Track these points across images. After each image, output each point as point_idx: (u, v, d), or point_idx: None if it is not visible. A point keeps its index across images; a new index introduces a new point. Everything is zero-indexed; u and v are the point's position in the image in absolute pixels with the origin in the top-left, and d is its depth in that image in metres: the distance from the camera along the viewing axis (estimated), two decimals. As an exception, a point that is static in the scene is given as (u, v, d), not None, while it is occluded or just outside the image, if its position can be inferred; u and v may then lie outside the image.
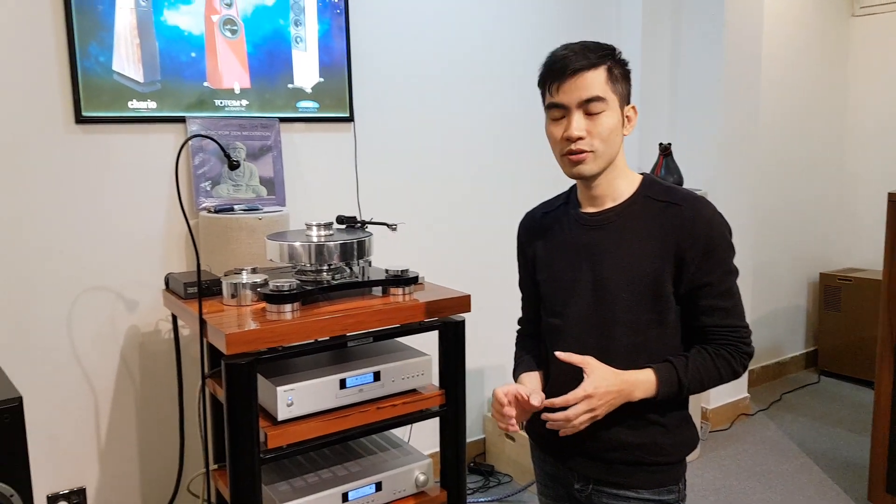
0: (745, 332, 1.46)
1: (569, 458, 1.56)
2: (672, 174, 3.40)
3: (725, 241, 1.45)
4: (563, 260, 1.55)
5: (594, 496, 1.54)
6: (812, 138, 4.71)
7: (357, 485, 2.08)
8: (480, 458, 3.46)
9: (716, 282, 1.43)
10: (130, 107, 2.41)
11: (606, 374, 1.40)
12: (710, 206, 1.46)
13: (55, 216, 2.34)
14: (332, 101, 2.81)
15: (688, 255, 1.42)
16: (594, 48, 1.44)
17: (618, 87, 1.45)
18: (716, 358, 1.45)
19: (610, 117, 1.43)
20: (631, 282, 1.45)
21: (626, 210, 1.49)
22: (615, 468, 1.50)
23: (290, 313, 1.89)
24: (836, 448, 3.64)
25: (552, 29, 3.43)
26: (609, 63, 1.44)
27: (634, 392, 1.41)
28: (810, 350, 4.93)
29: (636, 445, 1.48)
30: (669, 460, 1.50)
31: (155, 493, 2.62)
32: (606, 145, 1.44)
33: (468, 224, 3.28)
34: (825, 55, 4.69)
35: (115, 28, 2.35)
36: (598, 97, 1.42)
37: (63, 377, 2.41)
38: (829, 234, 4.94)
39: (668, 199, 1.47)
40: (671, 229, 1.43)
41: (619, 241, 1.48)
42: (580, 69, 1.41)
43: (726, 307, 1.44)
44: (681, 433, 1.52)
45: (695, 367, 1.43)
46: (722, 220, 1.46)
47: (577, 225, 1.55)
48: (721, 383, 1.47)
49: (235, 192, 2.59)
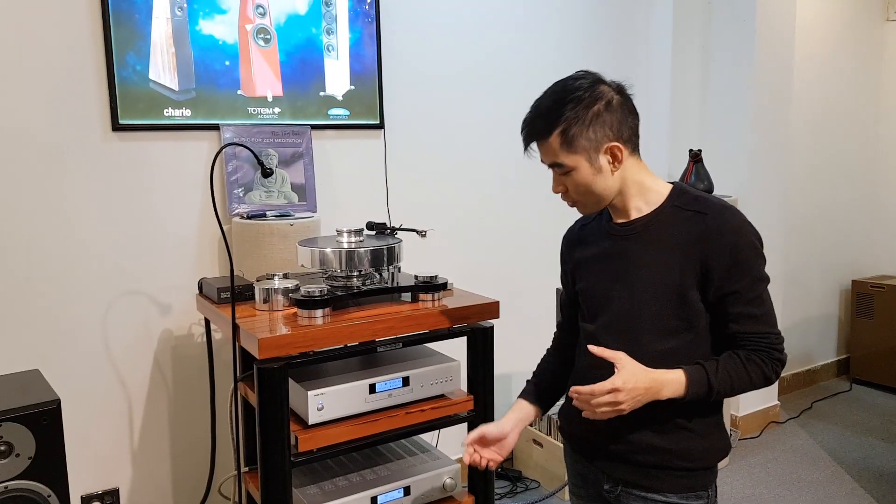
0: (776, 338, 1.46)
1: (599, 459, 1.58)
2: (702, 181, 3.39)
3: (753, 248, 1.44)
4: (597, 269, 1.58)
5: (623, 497, 1.55)
6: (844, 144, 4.66)
7: (385, 489, 2.10)
8: (508, 463, 3.46)
9: (744, 289, 1.43)
10: (166, 114, 2.45)
11: (636, 370, 1.41)
12: (737, 214, 1.46)
13: (92, 222, 2.40)
14: (362, 108, 2.84)
15: (713, 264, 1.42)
16: (544, 112, 1.46)
17: (579, 144, 1.44)
18: (747, 362, 1.44)
19: (578, 174, 1.47)
20: (656, 289, 1.47)
21: (653, 219, 1.51)
22: (644, 471, 1.51)
23: (320, 318, 1.92)
24: (868, 457, 3.59)
25: (582, 35, 3.43)
26: (563, 125, 1.43)
27: (662, 391, 1.42)
28: (842, 358, 4.86)
29: (666, 450, 1.49)
30: (699, 466, 1.50)
31: (186, 495, 2.67)
32: (585, 196, 1.50)
33: (498, 230, 3.30)
34: (858, 60, 4.63)
35: (152, 37, 2.40)
36: (557, 164, 1.47)
37: (98, 380, 2.46)
38: (862, 240, 4.88)
39: (695, 209, 1.48)
40: (696, 238, 1.44)
41: (646, 250, 1.49)
42: (532, 139, 1.48)
43: (756, 314, 1.44)
44: (712, 439, 1.52)
45: (725, 371, 1.43)
46: (750, 229, 1.46)
47: (609, 235, 1.57)
48: (752, 389, 1.46)
49: (268, 198, 2.62)
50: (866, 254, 4.91)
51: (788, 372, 4.51)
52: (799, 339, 4.60)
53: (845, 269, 4.80)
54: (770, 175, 3.77)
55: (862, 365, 4.68)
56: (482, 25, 3.14)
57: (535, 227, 3.37)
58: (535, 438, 3.29)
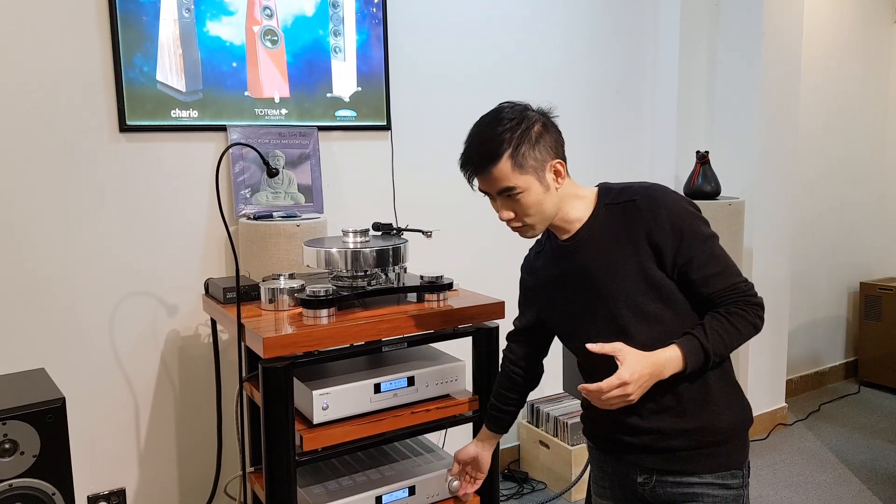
0: (745, 285, 1.49)
1: (628, 453, 1.59)
2: (709, 182, 3.38)
3: (689, 214, 1.49)
4: (561, 290, 1.62)
5: (658, 487, 1.56)
6: (852, 146, 4.64)
7: (391, 489, 2.10)
8: (515, 464, 3.46)
9: (697, 254, 1.46)
10: (173, 116, 2.47)
11: (638, 358, 1.43)
12: (662, 188, 1.51)
13: (99, 222, 2.41)
14: (369, 109, 2.85)
15: (660, 242, 1.46)
16: (489, 137, 1.49)
17: (528, 163, 1.48)
18: (729, 316, 1.47)
19: (529, 195, 1.49)
20: (623, 285, 1.50)
21: (592, 225, 1.55)
22: (675, 455, 1.53)
23: (326, 318, 1.92)
24: (876, 459, 3.57)
25: (589, 37, 3.43)
26: (510, 149, 1.47)
27: (664, 371, 1.45)
28: (850, 360, 4.84)
29: (693, 430, 1.51)
30: (726, 438, 1.52)
31: (193, 495, 2.68)
32: (536, 216, 1.52)
33: (503, 231, 3.29)
34: (866, 62, 4.62)
35: (159, 39, 2.42)
36: (509, 187, 1.48)
37: (105, 380, 2.48)
38: (870, 242, 4.86)
39: (623, 199, 1.52)
40: (636, 224, 1.49)
41: (599, 254, 1.53)
42: (482, 168, 1.49)
43: (718, 272, 1.48)
44: (733, 409, 1.54)
45: (713, 331, 1.46)
46: (678, 197, 1.51)
47: (559, 255, 1.61)
48: (744, 340, 1.49)
49: (274, 199, 2.63)
50: (874, 256, 4.89)
51: (796, 374, 4.49)
52: (807, 342, 4.58)
53: (853, 270, 4.79)
54: (777, 177, 3.76)
55: (870, 367, 4.66)
56: (489, 27, 3.14)
57: (541, 229, 3.37)
58: (542, 440, 3.29)
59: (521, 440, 3.46)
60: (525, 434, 3.42)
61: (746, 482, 1.56)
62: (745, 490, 1.56)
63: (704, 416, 1.51)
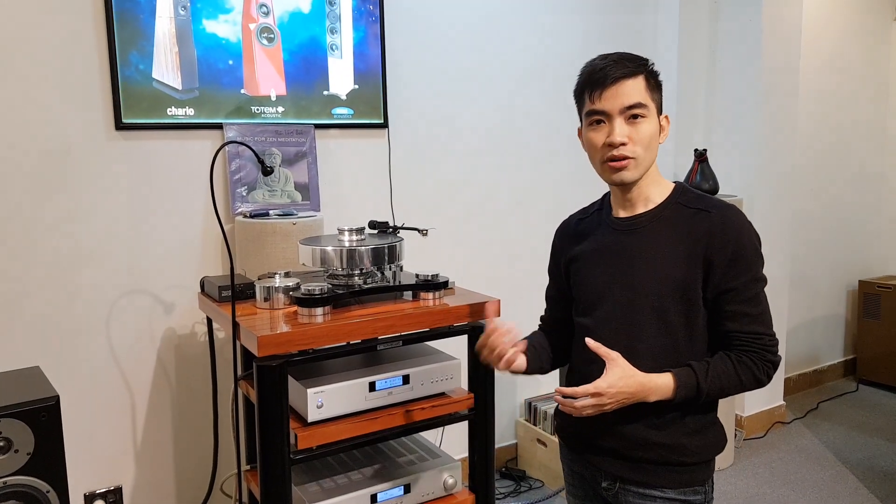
0: (769, 339, 1.46)
1: (596, 456, 1.58)
2: (707, 180, 3.38)
3: (753, 248, 1.46)
4: (596, 263, 1.58)
5: (621, 494, 1.55)
6: (851, 144, 4.63)
7: (386, 486, 2.10)
8: (512, 462, 3.46)
9: (741, 287, 1.44)
10: (169, 114, 2.47)
11: (625, 374, 1.41)
12: (740, 214, 1.48)
13: (95, 220, 2.41)
14: (366, 107, 2.84)
15: (715, 261, 1.44)
16: (630, 58, 1.47)
17: (655, 96, 1.49)
18: (738, 364, 1.45)
19: (650, 124, 1.47)
20: (660, 285, 1.47)
21: (657, 215, 1.52)
22: (641, 467, 1.52)
23: (321, 317, 1.92)
24: (873, 457, 3.57)
25: (588, 34, 3.43)
26: (646, 72, 1.48)
27: (650, 396, 1.43)
28: (849, 358, 4.84)
29: (662, 445, 1.50)
30: (695, 460, 1.51)
31: (189, 493, 2.68)
32: (647, 151, 1.48)
33: (500, 229, 3.30)
34: (865, 60, 4.61)
35: (155, 37, 2.41)
36: (640, 103, 1.45)
37: (101, 378, 2.48)
38: (869, 241, 4.86)
39: (698, 207, 1.49)
40: (700, 235, 1.45)
41: (650, 246, 1.50)
42: (621, 77, 1.45)
43: (751, 313, 1.45)
44: (707, 435, 1.53)
45: (715, 373, 1.44)
46: (751, 229, 1.47)
47: (610, 229, 1.57)
48: (743, 391, 1.47)
49: (271, 197, 2.63)
50: (873, 254, 4.89)
51: (795, 372, 4.49)
52: (805, 340, 4.58)
53: (852, 269, 4.78)
54: (776, 175, 3.76)
55: (869, 365, 4.65)
56: (486, 25, 3.14)
57: (537, 227, 3.37)
58: (540, 438, 3.29)
59: (518, 438, 3.46)
60: (522, 432, 3.42)
61: (710, 498, 1.55)
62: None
63: (675, 434, 1.50)
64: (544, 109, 3.35)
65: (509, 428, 3.46)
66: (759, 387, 1.47)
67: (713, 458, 1.55)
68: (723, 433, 1.57)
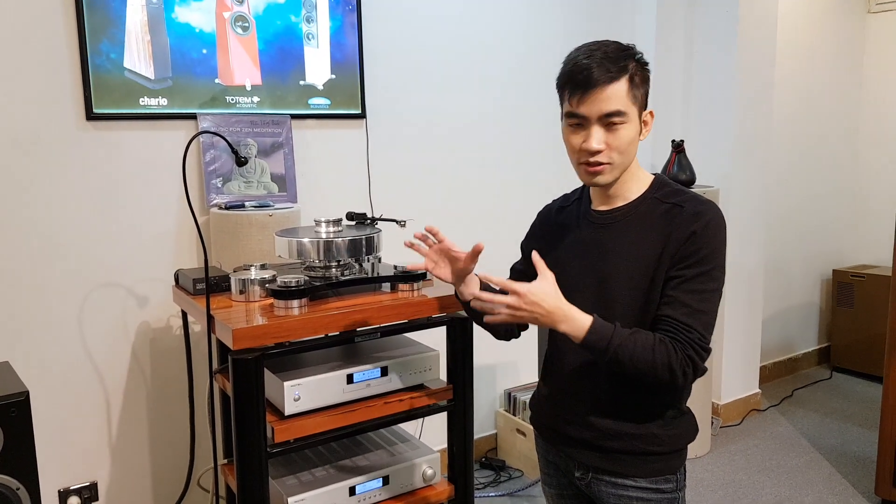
0: (700, 340, 1.39)
1: (569, 447, 1.58)
2: (684, 171, 3.39)
3: (714, 248, 1.41)
4: (571, 254, 1.57)
5: (593, 484, 1.56)
6: (826, 135, 4.68)
7: (364, 479, 2.09)
8: (492, 452, 3.47)
9: (689, 278, 1.40)
10: (142, 104, 2.43)
11: (549, 290, 1.38)
12: (714, 210, 1.44)
13: (66, 213, 2.37)
14: (343, 97, 2.82)
15: (672, 246, 1.41)
16: (615, 56, 1.41)
17: (637, 96, 1.44)
18: (658, 342, 1.37)
19: (629, 129, 1.43)
20: (631, 279, 1.46)
21: (633, 209, 1.50)
22: (613, 457, 1.52)
23: (297, 309, 1.91)
24: (846, 443, 3.62)
25: (566, 26, 3.42)
26: (630, 72, 1.42)
27: (561, 323, 1.38)
28: (823, 346, 4.90)
29: (633, 435, 1.50)
30: (666, 450, 1.51)
31: (166, 488, 2.65)
32: (624, 156, 1.44)
33: (479, 220, 3.29)
34: (840, 52, 4.65)
35: (127, 25, 2.37)
36: (619, 111, 1.40)
37: (74, 373, 2.44)
38: (843, 230, 4.91)
39: (673, 201, 1.47)
40: (670, 228, 1.44)
41: (623, 240, 1.49)
42: (603, 83, 1.39)
43: (691, 306, 1.39)
44: (678, 425, 1.53)
45: (632, 340, 1.37)
46: (720, 230, 1.43)
47: (588, 223, 1.56)
48: (652, 373, 1.38)
49: (247, 188, 2.61)
50: (847, 244, 4.94)
51: (770, 360, 4.54)
52: (780, 328, 4.63)
53: (826, 258, 4.84)
54: (752, 166, 3.78)
55: (842, 353, 4.72)
56: (465, 14, 3.12)
57: (516, 218, 3.36)
58: (519, 428, 3.30)
59: (497, 428, 3.47)
60: (502, 422, 3.42)
61: (682, 486, 1.56)
62: (679, 493, 1.55)
63: (646, 424, 1.49)
64: (524, 100, 3.34)
65: (489, 418, 3.47)
66: (670, 379, 1.38)
67: (685, 448, 1.56)
68: (693, 423, 1.57)
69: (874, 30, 4.73)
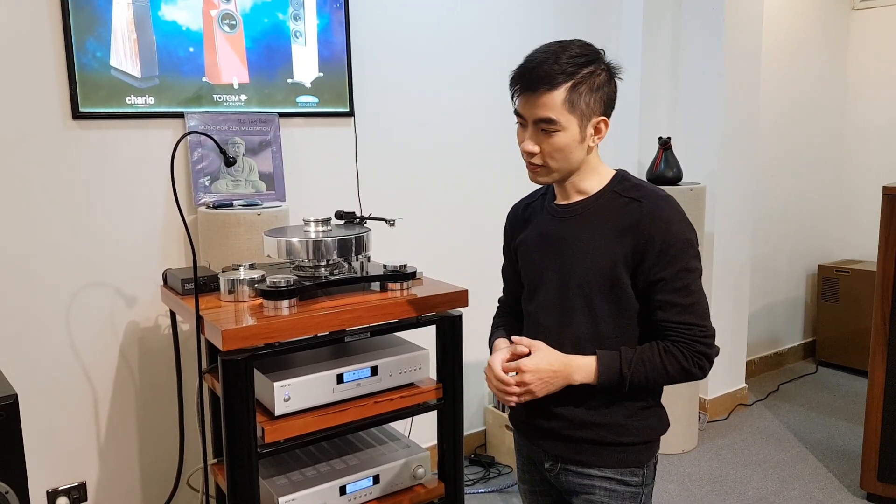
0: (700, 331, 1.44)
1: (540, 438, 1.61)
2: (671, 168, 3.40)
3: (683, 239, 1.44)
4: (537, 249, 1.60)
5: (561, 474, 1.58)
6: (812, 132, 4.71)
7: (354, 478, 2.10)
8: (481, 449, 3.48)
9: (670, 278, 1.42)
10: (128, 102, 2.41)
11: (547, 354, 1.46)
12: (674, 205, 1.47)
13: (53, 212, 2.36)
14: (331, 95, 2.81)
15: (643, 250, 1.43)
16: (567, 59, 1.40)
17: (580, 104, 1.42)
18: (664, 354, 1.44)
19: (562, 137, 1.43)
20: (588, 272, 1.48)
21: (592, 203, 1.52)
22: (580, 447, 1.54)
23: (287, 309, 1.90)
24: (832, 437, 3.66)
25: (553, 23, 3.42)
26: (577, 79, 1.41)
27: (574, 375, 1.45)
28: (808, 341, 4.94)
29: (599, 425, 1.52)
30: (633, 441, 1.53)
31: (155, 488, 2.65)
32: (560, 162, 1.47)
33: (467, 219, 3.29)
34: (826, 49, 4.68)
35: (113, 23, 2.35)
36: (549, 119, 1.41)
37: (63, 373, 2.43)
38: (828, 226, 4.95)
39: (632, 196, 1.49)
40: (629, 225, 1.45)
41: (581, 234, 1.51)
42: (539, 88, 1.40)
43: (681, 304, 1.43)
44: (646, 417, 1.54)
45: (640, 361, 1.44)
46: (682, 220, 1.46)
47: (549, 216, 1.59)
48: (670, 382, 1.46)
49: (234, 187, 2.60)
50: (832, 239, 4.98)
51: (756, 355, 4.57)
52: (766, 323, 4.66)
53: (812, 254, 4.87)
54: (739, 163, 3.80)
55: (827, 348, 4.75)
56: (453, 12, 3.12)
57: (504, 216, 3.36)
58: (508, 424, 3.30)
59: (487, 425, 3.48)
60: (491, 419, 3.43)
61: (649, 482, 1.57)
62: (644, 489, 1.56)
63: (614, 414, 1.51)
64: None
65: (478, 415, 3.48)
66: (690, 379, 1.46)
67: (654, 441, 1.57)
68: (664, 417, 1.59)
69: (859, 26, 4.76)
